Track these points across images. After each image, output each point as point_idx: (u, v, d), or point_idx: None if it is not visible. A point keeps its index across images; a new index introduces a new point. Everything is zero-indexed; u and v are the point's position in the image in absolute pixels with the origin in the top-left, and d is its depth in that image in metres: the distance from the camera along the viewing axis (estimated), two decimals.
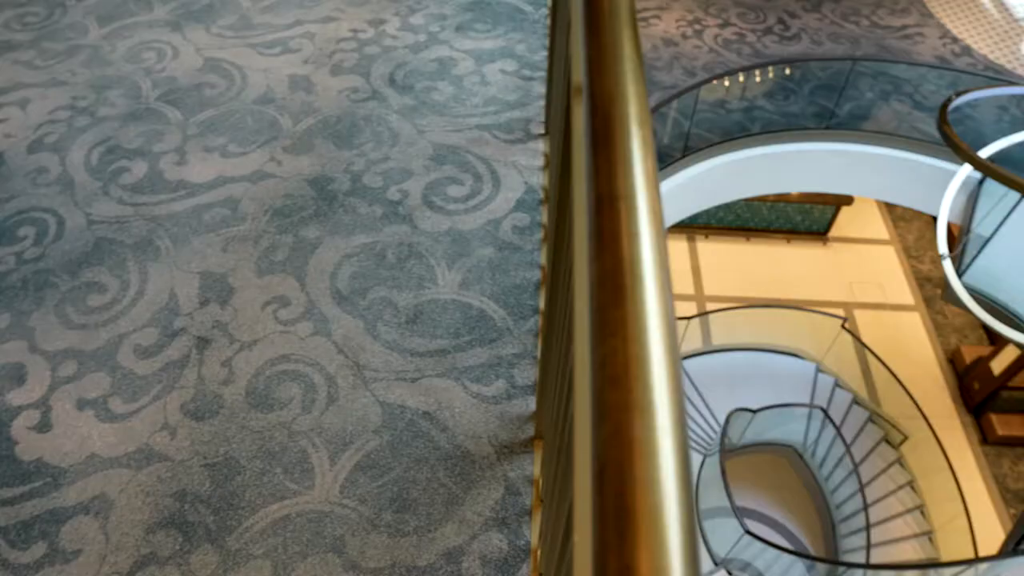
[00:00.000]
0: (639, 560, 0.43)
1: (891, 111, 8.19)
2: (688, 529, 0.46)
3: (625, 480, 0.47)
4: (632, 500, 0.46)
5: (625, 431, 0.49)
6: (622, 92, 0.72)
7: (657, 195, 0.65)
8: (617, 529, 0.45)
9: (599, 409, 0.51)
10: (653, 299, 0.57)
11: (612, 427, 0.50)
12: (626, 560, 0.43)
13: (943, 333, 11.79)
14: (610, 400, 0.51)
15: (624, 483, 0.47)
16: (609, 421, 0.50)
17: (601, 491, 0.47)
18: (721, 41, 8.71)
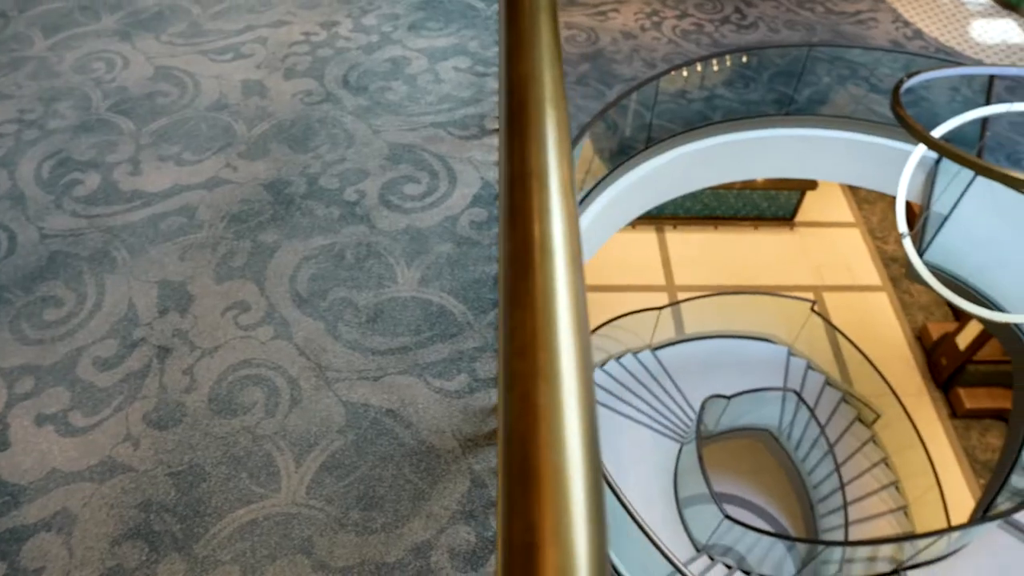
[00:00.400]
0: (543, 518, 0.45)
1: (848, 95, 8.31)
2: (593, 488, 0.47)
3: (529, 444, 0.48)
4: (536, 462, 0.47)
5: (531, 398, 0.50)
6: (537, 75, 0.74)
7: (570, 172, 0.66)
8: (522, 489, 0.46)
9: (508, 378, 0.53)
10: (562, 272, 0.58)
11: (519, 394, 0.51)
12: (530, 518, 0.45)
13: (910, 311, 11.99)
14: (517, 369, 0.52)
15: (528, 447, 0.48)
16: (516, 389, 0.51)
17: (509, 455, 0.48)
18: (679, 32, 8.77)
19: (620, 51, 8.32)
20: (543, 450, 0.47)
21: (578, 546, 0.44)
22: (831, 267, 12.28)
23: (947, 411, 10.86)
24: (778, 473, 9.69)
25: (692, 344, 9.65)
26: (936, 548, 5.92)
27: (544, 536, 0.44)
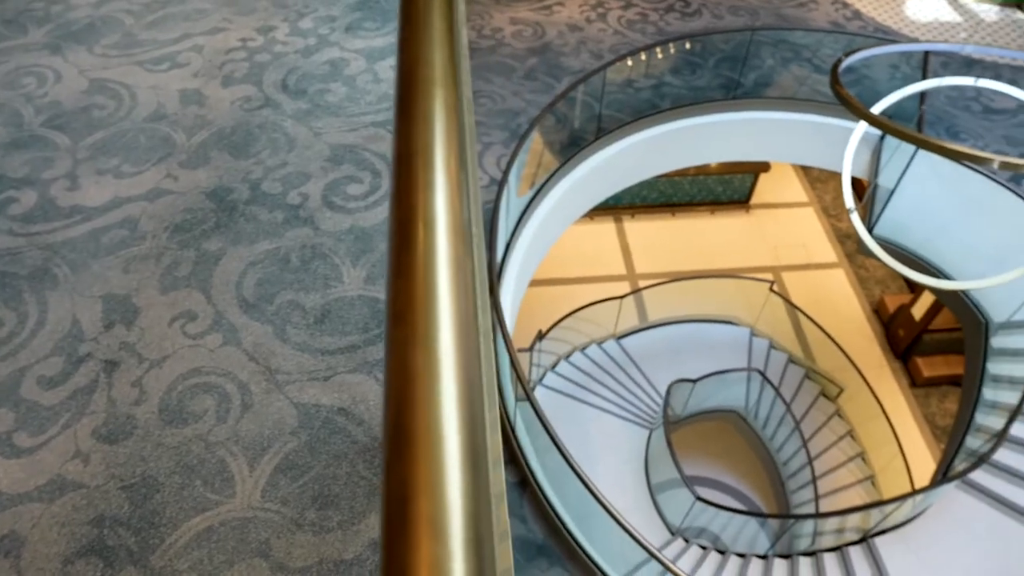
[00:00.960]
0: (416, 472, 0.47)
1: (793, 77, 8.45)
2: (467, 443, 0.49)
3: (405, 405, 0.50)
4: (411, 422, 0.49)
5: (407, 363, 0.52)
6: (426, 59, 0.76)
7: (455, 150, 0.68)
8: (398, 448, 0.48)
9: (388, 345, 0.55)
10: (444, 244, 0.60)
11: (397, 360, 0.53)
12: (404, 473, 0.47)
13: (867, 286, 12.23)
14: (396, 336, 0.54)
15: (404, 409, 0.50)
16: (395, 355, 0.53)
17: (388, 417, 0.51)
18: (625, 22, 8.86)
19: (567, 44, 8.37)
20: (418, 410, 0.49)
21: (450, 496, 0.46)
22: (788, 247, 12.49)
23: (907, 380, 11.11)
24: (748, 452, 9.84)
25: (656, 331, 9.75)
26: (901, 513, 6.07)
27: (417, 489, 0.46)
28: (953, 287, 5.25)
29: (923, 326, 10.87)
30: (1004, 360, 6.38)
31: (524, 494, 5.17)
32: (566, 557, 4.98)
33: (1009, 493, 5.85)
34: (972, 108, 8.43)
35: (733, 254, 12.15)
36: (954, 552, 5.78)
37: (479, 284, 1.06)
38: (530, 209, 6.31)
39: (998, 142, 7.97)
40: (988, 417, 6.20)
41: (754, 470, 9.80)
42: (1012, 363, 6.23)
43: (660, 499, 7.75)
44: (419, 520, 0.44)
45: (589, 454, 7.80)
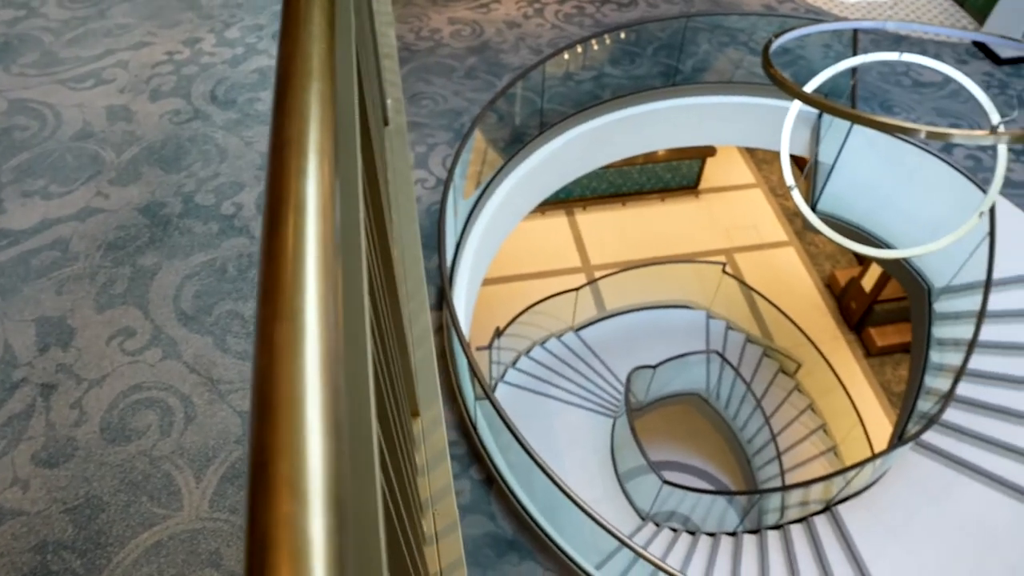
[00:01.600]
0: (275, 438, 0.49)
1: (729, 60, 8.60)
2: (327, 411, 0.51)
3: (267, 378, 0.52)
4: (271, 394, 0.51)
5: (271, 338, 0.54)
6: (302, 52, 0.77)
7: (330, 139, 0.70)
8: (260, 418, 0.50)
9: (257, 322, 0.56)
10: (313, 228, 0.62)
11: (262, 336, 0.55)
12: (265, 440, 0.49)
13: (817, 261, 12.49)
14: (263, 313, 0.56)
15: (266, 380, 0.52)
16: (261, 331, 0.55)
17: (254, 392, 0.52)
18: (562, 16, 8.93)
19: (506, 41, 8.41)
20: (278, 381, 0.51)
21: (310, 459, 0.48)
22: (739, 228, 12.69)
23: (862, 351, 11.38)
24: (713, 433, 9.98)
25: (614, 320, 9.84)
26: (861, 479, 6.22)
27: (275, 453, 0.48)
28: (892, 256, 5.40)
29: (873, 297, 11.14)
30: (947, 323, 6.57)
31: (491, 491, 5.19)
32: (537, 550, 5.02)
33: (959, 451, 6.04)
34: (903, 83, 8.67)
35: (686, 239, 12.32)
36: (912, 511, 5.94)
37: (379, 264, 1.08)
38: (478, 207, 6.34)
39: (929, 114, 8.21)
40: (936, 379, 6.39)
41: (720, 450, 9.95)
42: (955, 326, 6.43)
43: (629, 487, 7.83)
44: (277, 481, 0.46)
45: (555, 447, 7.85)
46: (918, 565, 5.62)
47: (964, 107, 8.16)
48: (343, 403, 0.53)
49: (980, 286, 6.05)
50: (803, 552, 6.23)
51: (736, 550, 6.71)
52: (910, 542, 5.78)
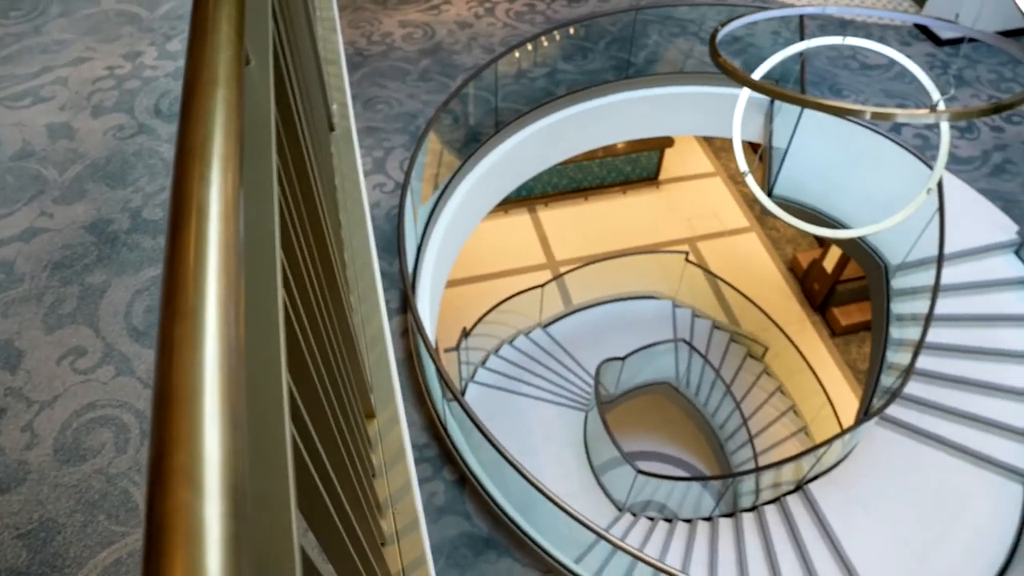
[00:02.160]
0: (173, 431, 0.50)
1: (680, 51, 8.69)
2: (224, 404, 0.53)
3: (166, 373, 0.53)
4: (169, 387, 0.52)
5: (170, 336, 0.55)
6: (208, 61, 0.78)
7: (235, 146, 0.71)
8: (158, 414, 0.52)
9: (159, 323, 0.58)
10: (215, 230, 0.63)
11: (163, 335, 0.56)
12: (162, 434, 0.50)
13: (779, 245, 12.68)
14: (164, 314, 0.57)
15: (165, 376, 0.53)
16: (162, 330, 0.57)
17: (155, 386, 0.54)
18: (513, 14, 8.96)
19: (458, 41, 8.42)
20: (175, 378, 0.53)
21: (206, 449, 0.50)
22: (700, 217, 12.83)
23: (827, 331, 11.57)
24: (685, 421, 10.08)
25: (581, 314, 9.90)
26: (831, 457, 6.34)
27: (172, 445, 0.49)
28: (846, 235, 5.51)
29: (835, 278, 11.34)
30: (904, 299, 6.72)
31: (465, 491, 5.20)
32: (514, 547, 5.04)
33: (922, 422, 6.18)
34: (851, 66, 8.83)
35: (648, 230, 12.42)
36: (880, 484, 6.07)
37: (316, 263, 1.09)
38: (437, 209, 6.34)
39: (877, 95, 8.38)
40: (897, 354, 6.53)
41: (694, 437, 10.05)
42: (912, 301, 6.57)
43: (605, 479, 7.89)
44: (174, 472, 0.47)
45: (529, 444, 7.88)
46: (889, 535, 5.75)
47: (910, 88, 8.34)
48: (242, 397, 0.55)
49: (933, 261, 6.20)
50: (778, 532, 6.34)
51: (713, 535, 6.79)
52: (880, 514, 5.91)
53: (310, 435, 0.90)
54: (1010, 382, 6.12)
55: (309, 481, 0.91)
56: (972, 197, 7.12)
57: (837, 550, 5.85)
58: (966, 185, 7.24)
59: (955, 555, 5.49)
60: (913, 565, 5.53)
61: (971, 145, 7.70)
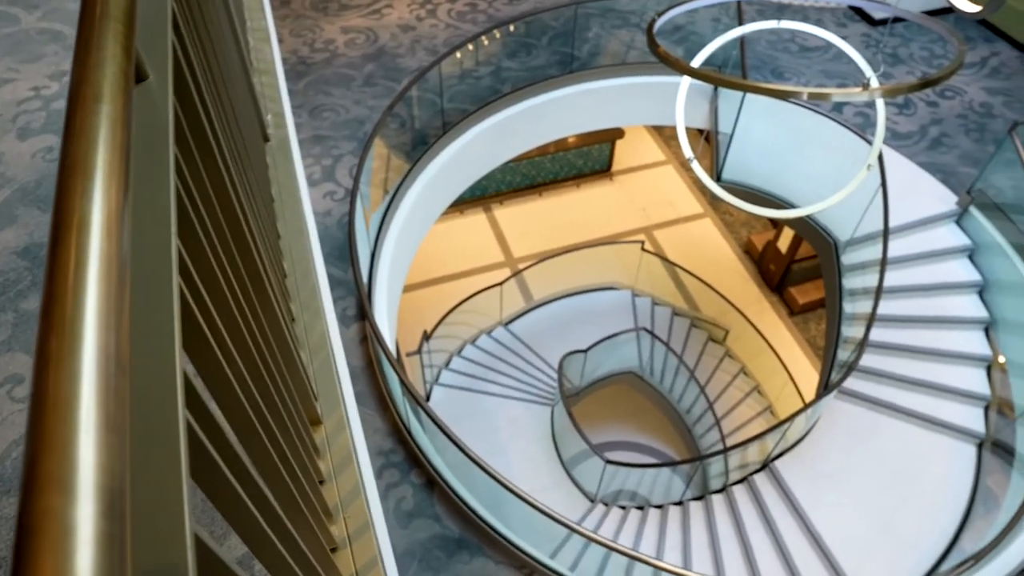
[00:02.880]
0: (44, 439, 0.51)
1: (622, 43, 8.77)
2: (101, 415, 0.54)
3: (39, 384, 0.54)
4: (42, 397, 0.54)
5: (45, 348, 0.57)
6: (91, 76, 0.79)
7: (119, 161, 0.72)
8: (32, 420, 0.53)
9: (37, 335, 0.59)
10: (96, 244, 0.64)
11: (38, 347, 0.57)
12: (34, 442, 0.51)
13: (733, 229, 12.86)
14: (41, 327, 0.58)
15: (39, 387, 0.54)
16: (38, 343, 0.58)
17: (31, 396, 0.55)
18: (455, 15, 8.96)
19: (401, 45, 8.40)
20: (48, 388, 0.54)
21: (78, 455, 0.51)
22: (655, 206, 12.96)
23: (786, 310, 11.77)
24: (652, 409, 10.18)
25: (542, 310, 9.94)
26: (794, 433, 6.46)
27: (42, 452, 0.50)
28: (792, 215, 5.62)
29: (790, 258, 11.53)
30: (855, 274, 6.87)
31: (434, 493, 5.20)
32: (486, 545, 5.06)
33: (878, 392, 6.33)
34: (790, 49, 9.00)
35: (604, 222, 12.51)
36: (843, 456, 6.21)
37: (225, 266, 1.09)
38: (389, 214, 6.33)
39: (818, 76, 8.55)
40: (851, 328, 6.67)
41: (662, 424, 10.16)
42: (862, 275, 6.72)
43: (575, 472, 7.94)
44: (43, 477, 0.49)
45: (497, 442, 7.90)
46: (853, 504, 5.88)
47: (849, 68, 8.52)
48: (118, 406, 0.56)
49: (880, 235, 6.34)
50: (747, 511, 6.44)
51: (684, 518, 6.88)
52: (844, 485, 6.04)
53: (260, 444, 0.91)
54: (958, 347, 6.30)
55: (228, 488, 0.92)
56: (913, 171, 7.31)
57: (805, 523, 5.97)
58: (907, 160, 7.42)
59: (916, 518, 5.64)
60: (877, 531, 5.66)
61: (909, 121, 7.90)
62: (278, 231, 2.40)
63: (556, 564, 5.11)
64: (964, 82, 8.37)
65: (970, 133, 7.71)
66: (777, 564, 5.95)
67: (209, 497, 0.95)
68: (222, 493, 0.96)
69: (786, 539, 5.97)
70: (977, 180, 6.68)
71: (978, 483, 5.78)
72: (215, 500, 0.98)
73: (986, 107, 8.01)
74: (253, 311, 1.36)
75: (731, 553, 6.23)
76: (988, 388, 6.16)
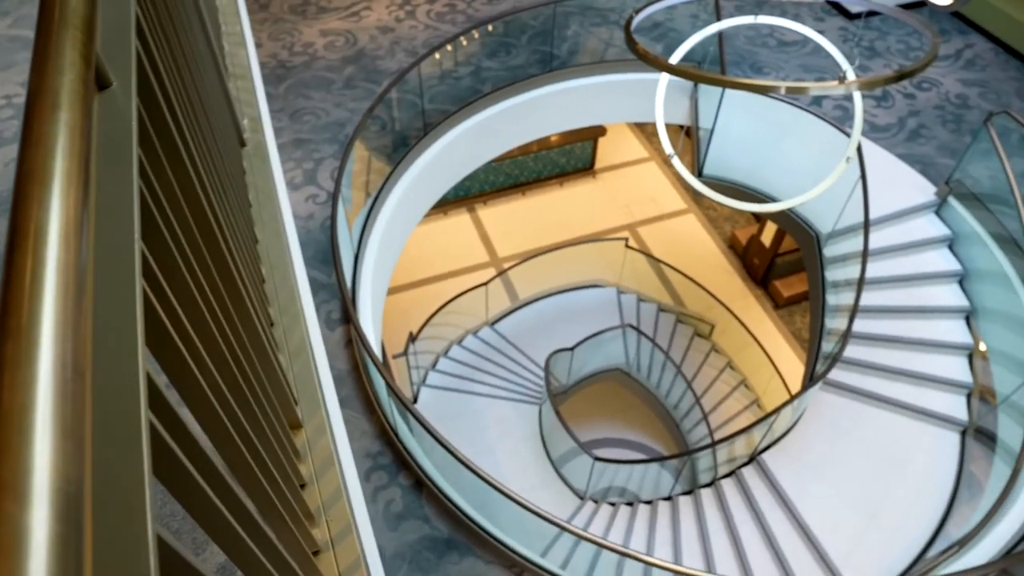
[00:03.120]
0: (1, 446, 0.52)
1: (602, 41, 8.79)
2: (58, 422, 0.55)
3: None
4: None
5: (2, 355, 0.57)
6: (48, 86, 0.79)
7: (78, 169, 0.72)
8: None
9: None
10: (53, 252, 0.64)
11: None
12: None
13: (717, 224, 12.92)
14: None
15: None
16: None
17: None
18: (434, 15, 8.96)
19: (381, 47, 8.39)
20: (4, 394, 0.54)
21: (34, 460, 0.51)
22: (638, 203, 13.00)
23: (771, 304, 11.84)
24: (640, 405, 10.22)
25: (527, 309, 9.96)
26: (781, 425, 6.50)
27: None
28: (773, 208, 5.65)
29: (774, 251, 11.60)
30: (837, 266, 6.92)
31: (422, 495, 5.20)
32: (476, 546, 5.06)
33: (863, 383, 6.38)
34: (769, 44, 9.05)
35: (588, 220, 12.54)
36: (829, 447, 6.25)
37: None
38: (372, 216, 6.32)
39: (796, 71, 8.61)
40: (835, 320, 6.72)
41: (650, 421, 10.19)
42: (844, 267, 6.77)
43: (564, 470, 7.95)
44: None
45: (486, 442, 7.90)
46: (839, 495, 5.93)
47: (827, 62, 8.58)
48: (75, 411, 0.56)
49: (861, 227, 6.39)
50: (736, 504, 6.48)
51: (674, 513, 6.91)
52: (830, 476, 6.09)
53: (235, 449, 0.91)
54: (939, 336, 6.36)
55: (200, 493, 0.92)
56: (892, 162, 7.37)
57: (793, 514, 6.01)
58: (886, 151, 7.48)
59: (903, 506, 5.69)
60: (864, 521, 5.71)
61: (887, 113, 7.96)
62: (256, 236, 2.39)
63: (547, 563, 5.12)
64: (940, 74, 8.45)
65: (947, 124, 7.79)
66: (766, 556, 5.99)
67: (181, 502, 0.95)
68: (195, 498, 0.96)
69: (775, 531, 6.01)
70: (955, 170, 6.75)
71: (962, 470, 5.84)
72: (188, 506, 0.98)
73: (962, 98, 8.09)
74: (227, 315, 1.36)
75: (721, 546, 6.26)
76: (970, 376, 6.23)
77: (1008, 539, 4.88)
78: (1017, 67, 8.55)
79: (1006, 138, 6.24)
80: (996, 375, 6.09)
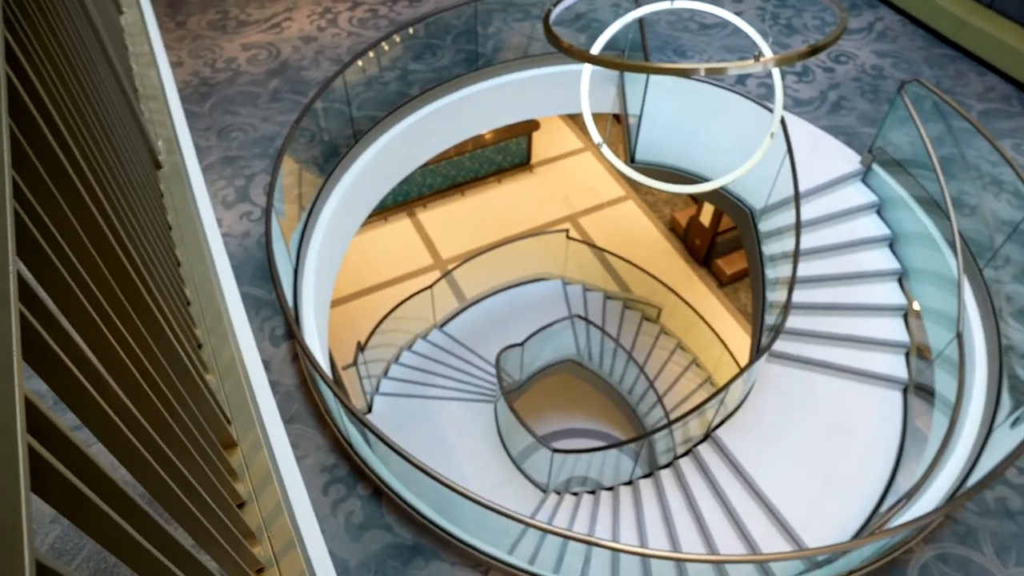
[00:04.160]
0: None
1: (525, 36, 8.82)
2: None
3: None
4: None
5: None
6: None
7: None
8: None
9: None
10: None
11: None
12: None
13: (657, 208, 13.08)
14: None
15: None
16: None
17: None
18: (356, 22, 8.87)
19: (305, 57, 8.28)
20: None
21: None
22: (577, 194, 13.09)
23: (715, 282, 12.04)
24: (596, 394, 10.29)
25: (475, 308, 9.95)
26: (733, 400, 6.61)
27: None
28: (703, 188, 5.73)
29: (713, 231, 11.80)
30: (773, 239, 7.07)
31: (382, 503, 5.16)
32: (441, 549, 5.04)
33: (807, 352, 6.54)
34: (690, 27, 9.18)
35: (529, 215, 12.58)
36: (780, 416, 6.38)
37: None
38: (308, 229, 6.24)
39: (719, 52, 8.76)
40: (775, 292, 6.86)
41: (606, 408, 10.27)
42: (779, 241, 6.92)
43: (526, 465, 7.97)
44: None
45: (444, 444, 7.87)
46: (793, 461, 6.06)
47: (748, 41, 8.74)
48: None
49: (792, 200, 6.54)
50: (695, 481, 6.57)
51: (636, 497, 6.98)
52: (783, 444, 6.21)
53: (102, 474, 0.89)
54: (875, 300, 6.55)
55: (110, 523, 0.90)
56: (817, 135, 7.55)
57: (751, 486, 6.13)
58: (810, 124, 7.66)
59: (854, 467, 5.85)
60: (819, 484, 5.85)
61: (809, 87, 8.16)
62: (177, 258, 2.34)
63: (514, 559, 5.13)
64: (855, 47, 8.69)
65: (866, 95, 8.01)
66: (729, 529, 6.10)
67: (86, 531, 0.92)
68: (103, 529, 0.93)
69: (735, 504, 6.12)
70: (876, 139, 6.95)
71: (906, 426, 6.03)
72: (98, 537, 0.95)
73: (877, 69, 8.34)
74: (137, 337, 1.33)
75: (684, 525, 6.35)
76: (907, 335, 6.43)
77: (950, 485, 5.06)
78: (924, 36, 8.85)
79: (920, 104, 6.45)
80: (930, 332, 6.30)
